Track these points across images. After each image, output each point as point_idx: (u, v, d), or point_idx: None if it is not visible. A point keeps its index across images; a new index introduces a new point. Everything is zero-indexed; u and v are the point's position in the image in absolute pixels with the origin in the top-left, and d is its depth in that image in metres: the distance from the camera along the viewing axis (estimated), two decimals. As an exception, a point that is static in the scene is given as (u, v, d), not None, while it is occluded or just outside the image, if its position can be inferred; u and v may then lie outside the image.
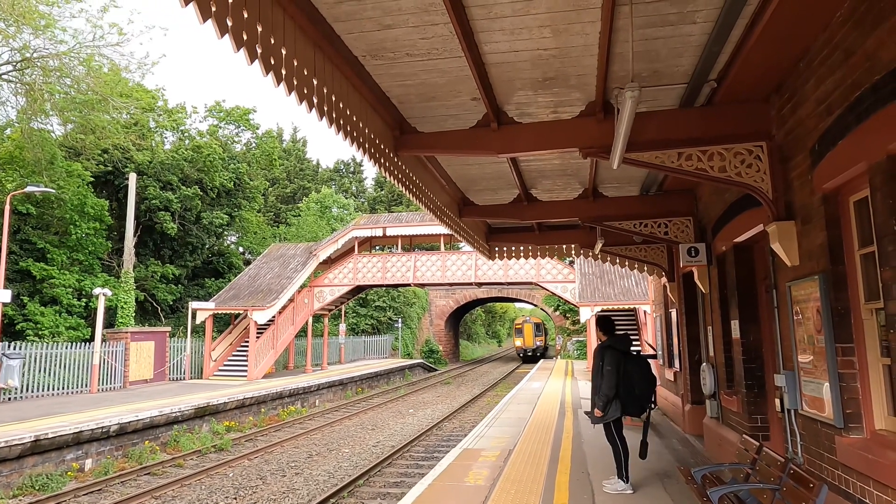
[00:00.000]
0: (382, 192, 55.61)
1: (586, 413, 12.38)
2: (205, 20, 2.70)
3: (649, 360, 6.79)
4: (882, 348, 3.80)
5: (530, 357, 45.62)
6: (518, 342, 47.16)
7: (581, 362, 31.97)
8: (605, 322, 6.84)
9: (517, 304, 51.62)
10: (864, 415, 3.93)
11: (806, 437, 4.73)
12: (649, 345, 16.29)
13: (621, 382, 6.37)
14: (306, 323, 26.96)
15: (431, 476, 7.36)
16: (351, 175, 58.95)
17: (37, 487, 10.32)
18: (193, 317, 23.54)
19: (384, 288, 35.53)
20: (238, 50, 2.97)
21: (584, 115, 5.41)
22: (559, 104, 5.29)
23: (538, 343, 45.87)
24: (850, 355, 4.02)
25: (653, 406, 6.73)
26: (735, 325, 6.71)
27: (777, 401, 5.28)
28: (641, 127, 5.05)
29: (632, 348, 6.75)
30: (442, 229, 9.51)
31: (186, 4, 2.58)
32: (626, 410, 6.44)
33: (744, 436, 5.71)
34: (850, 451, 3.86)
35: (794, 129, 4.60)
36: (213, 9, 2.74)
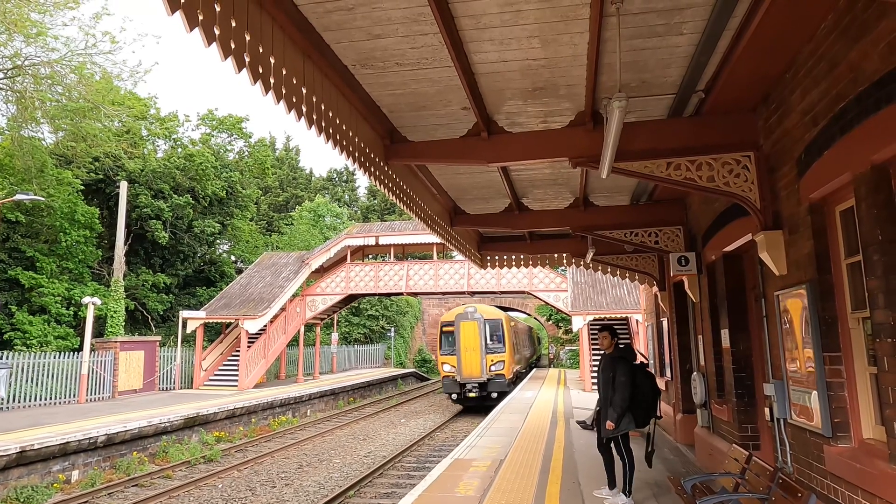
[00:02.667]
0: (375, 201, 55.62)
1: (578, 423, 12.38)
2: (192, 28, 2.70)
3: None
4: (869, 357, 3.82)
5: (474, 399, 20.97)
6: (447, 365, 21.40)
7: (574, 371, 31.94)
8: (613, 331, 6.79)
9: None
10: (851, 424, 3.94)
11: (795, 447, 4.73)
12: (641, 354, 16.25)
13: (633, 394, 6.25)
14: (298, 332, 26.81)
15: (422, 487, 7.30)
16: (344, 184, 58.96)
17: (21, 500, 10.17)
18: (184, 326, 23.37)
19: (377, 297, 35.46)
20: (225, 59, 2.96)
21: (574, 125, 5.44)
22: (549, 114, 5.31)
23: (495, 369, 21.03)
24: (837, 364, 4.04)
25: (659, 416, 6.67)
26: (725, 335, 6.73)
27: (766, 410, 5.28)
28: (630, 137, 5.08)
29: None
30: (434, 238, 9.54)
31: (173, 12, 2.58)
32: (635, 422, 6.37)
33: (733, 445, 5.71)
34: (839, 460, 3.87)
35: (780, 139, 4.64)
36: (201, 17, 2.74)
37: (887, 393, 3.26)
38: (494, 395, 20.65)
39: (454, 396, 21.31)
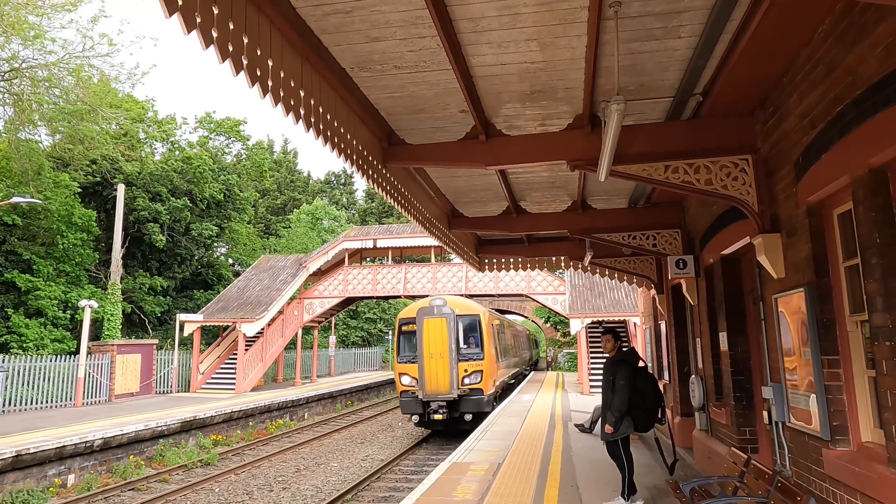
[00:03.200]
0: (373, 204, 55.61)
1: (576, 426, 12.36)
2: (189, 31, 2.69)
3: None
4: (867, 360, 3.82)
5: (441, 423, 15.79)
6: (406, 377, 16.17)
7: (572, 374, 31.92)
8: (613, 333, 6.76)
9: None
10: (850, 427, 3.93)
11: (794, 450, 4.72)
12: (639, 357, 16.20)
13: (632, 398, 6.23)
14: (296, 335, 26.76)
15: (419, 491, 7.28)
16: (342, 187, 58.95)
17: (17, 504, 10.12)
18: (181, 329, 23.31)
19: (374, 300, 35.40)
20: (223, 61, 2.95)
21: (572, 128, 5.43)
22: (547, 117, 5.31)
23: (470, 381, 15.85)
24: (835, 367, 4.03)
25: (662, 422, 6.61)
26: (723, 337, 6.72)
27: (765, 413, 5.27)
28: (628, 140, 5.08)
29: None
30: (432, 241, 9.53)
31: (171, 14, 2.57)
32: (635, 426, 6.33)
33: (732, 448, 5.70)
34: (837, 463, 3.86)
35: (778, 142, 4.64)
36: (199, 20, 2.73)
37: (885, 396, 3.25)
38: (468, 416, 15.48)
39: (415, 418, 15.89)
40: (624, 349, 6.70)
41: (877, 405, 3.68)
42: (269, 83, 3.41)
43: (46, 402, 17.59)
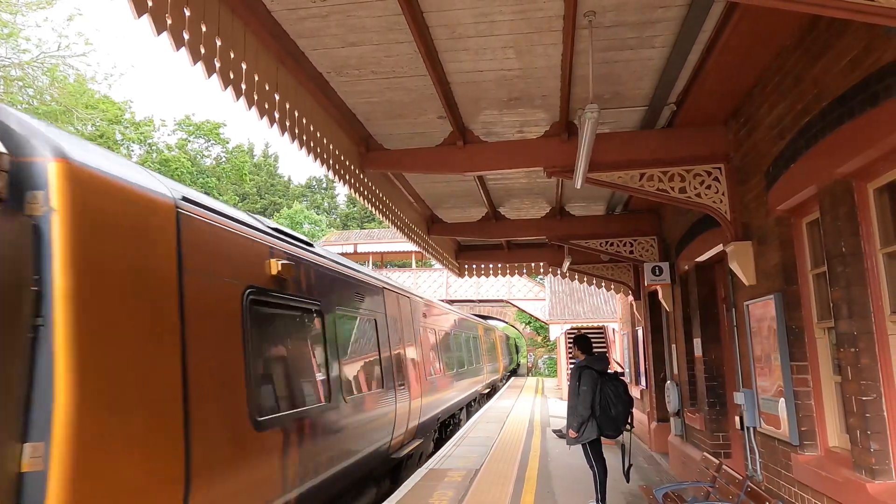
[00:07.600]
0: (355, 209, 55.43)
1: (554, 431, 12.40)
2: (160, 33, 2.66)
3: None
4: (834, 366, 3.89)
5: None
6: None
7: (552, 380, 32.03)
8: (582, 341, 6.71)
9: (490, 321, 39.88)
10: (818, 432, 4.00)
11: (765, 455, 4.79)
12: (617, 363, 16.38)
13: (597, 403, 6.27)
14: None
15: (394, 498, 7.23)
16: (323, 191, 58.70)
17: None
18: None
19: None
20: (195, 63, 2.93)
21: (549, 135, 5.48)
22: (524, 124, 5.35)
23: None
24: (804, 373, 4.10)
25: (629, 428, 6.61)
26: (697, 344, 6.81)
27: (737, 419, 5.34)
28: (603, 147, 5.12)
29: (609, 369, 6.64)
30: (413, 246, 9.46)
31: (140, 16, 2.54)
32: (602, 432, 6.36)
33: (705, 454, 5.76)
34: (805, 468, 3.92)
35: (749, 152, 4.73)
36: (169, 22, 2.71)
37: (850, 402, 3.32)
38: None
39: None
40: (593, 354, 6.67)
41: (843, 411, 3.75)
42: (243, 86, 3.39)
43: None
